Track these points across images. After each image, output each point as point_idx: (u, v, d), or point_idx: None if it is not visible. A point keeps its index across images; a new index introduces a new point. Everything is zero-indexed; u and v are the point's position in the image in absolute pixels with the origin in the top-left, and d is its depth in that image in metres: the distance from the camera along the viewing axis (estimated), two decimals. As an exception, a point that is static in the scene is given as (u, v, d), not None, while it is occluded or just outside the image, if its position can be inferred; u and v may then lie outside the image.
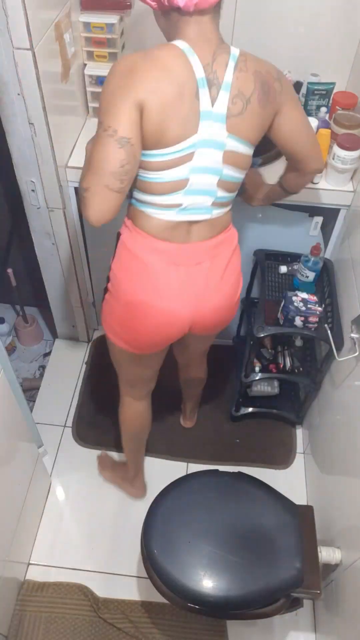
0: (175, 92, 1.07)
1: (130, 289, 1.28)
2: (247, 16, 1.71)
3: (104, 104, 1.07)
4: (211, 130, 1.12)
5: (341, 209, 1.75)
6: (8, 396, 1.42)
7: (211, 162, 1.16)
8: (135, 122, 1.06)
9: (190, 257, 1.27)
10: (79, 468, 2.02)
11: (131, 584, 1.75)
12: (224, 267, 1.31)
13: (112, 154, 1.06)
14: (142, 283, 1.26)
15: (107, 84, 1.08)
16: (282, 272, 1.88)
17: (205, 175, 1.17)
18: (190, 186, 1.17)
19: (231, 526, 1.42)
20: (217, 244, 1.29)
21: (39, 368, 2.42)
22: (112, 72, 1.08)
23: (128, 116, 1.05)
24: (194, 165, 1.15)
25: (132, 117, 1.05)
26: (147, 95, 1.05)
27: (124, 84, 1.05)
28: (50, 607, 1.68)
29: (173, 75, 1.07)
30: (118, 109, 1.05)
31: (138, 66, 1.06)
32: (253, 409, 2.13)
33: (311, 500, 1.90)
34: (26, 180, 1.70)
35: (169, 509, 1.44)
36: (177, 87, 1.07)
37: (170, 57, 1.07)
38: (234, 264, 1.35)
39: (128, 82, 1.05)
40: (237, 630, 1.66)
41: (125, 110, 1.04)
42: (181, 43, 1.08)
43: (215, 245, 1.29)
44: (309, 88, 1.75)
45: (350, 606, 1.37)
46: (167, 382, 2.28)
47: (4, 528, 1.53)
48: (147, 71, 1.06)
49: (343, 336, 1.64)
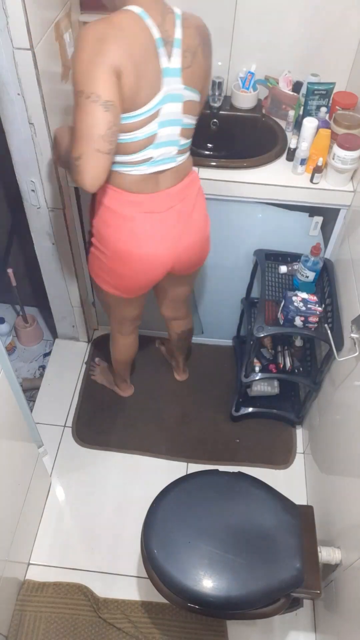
0: (143, 54, 1.16)
1: (113, 240, 1.42)
2: (247, 16, 1.71)
3: (81, 73, 1.12)
4: (171, 85, 1.24)
5: (341, 209, 1.75)
6: (8, 396, 1.42)
7: (174, 114, 1.28)
8: (115, 85, 1.13)
9: (161, 203, 1.40)
10: (79, 468, 2.02)
11: (131, 584, 1.75)
12: (192, 207, 1.47)
13: (99, 119, 1.13)
14: (123, 234, 1.40)
15: (79, 53, 1.12)
16: (282, 272, 1.88)
17: (170, 127, 1.29)
18: (159, 139, 1.28)
19: (231, 526, 1.42)
20: (183, 187, 1.43)
21: (39, 368, 2.42)
22: (82, 41, 1.12)
23: (109, 81, 1.11)
24: (161, 120, 1.26)
25: (112, 81, 1.12)
26: (122, 60, 1.12)
27: (98, 51, 1.10)
28: (50, 607, 1.68)
29: (139, 39, 1.16)
30: (97, 75, 1.10)
31: (107, 34, 1.12)
32: (253, 409, 2.13)
33: (311, 500, 1.90)
34: (26, 180, 1.70)
35: (169, 509, 1.44)
36: (143, 49, 1.16)
37: (132, 22, 1.16)
38: (200, 202, 1.50)
39: (102, 48, 1.10)
40: (237, 630, 1.66)
41: (105, 75, 1.11)
42: (135, 8, 1.17)
43: (182, 189, 1.43)
44: (309, 88, 1.75)
45: (350, 606, 1.37)
46: (166, 383, 2.29)
47: (4, 528, 1.53)
48: (117, 37, 1.12)
49: (343, 336, 1.64)
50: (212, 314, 2.26)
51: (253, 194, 1.73)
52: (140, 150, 1.28)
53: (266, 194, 1.73)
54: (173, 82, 1.24)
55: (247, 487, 1.50)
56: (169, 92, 1.24)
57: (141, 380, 2.27)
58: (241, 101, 1.85)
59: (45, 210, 1.80)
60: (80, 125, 1.15)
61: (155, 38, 1.18)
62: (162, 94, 1.23)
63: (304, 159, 1.68)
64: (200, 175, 1.68)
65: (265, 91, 1.87)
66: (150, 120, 1.24)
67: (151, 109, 1.22)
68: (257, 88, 1.84)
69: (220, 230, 1.87)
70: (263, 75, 1.83)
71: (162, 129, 1.27)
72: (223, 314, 2.26)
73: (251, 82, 1.81)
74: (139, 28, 1.16)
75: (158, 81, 1.21)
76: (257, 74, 1.80)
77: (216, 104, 1.85)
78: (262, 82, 1.84)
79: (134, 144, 1.26)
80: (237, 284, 2.09)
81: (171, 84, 1.24)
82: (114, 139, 1.18)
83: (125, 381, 2.18)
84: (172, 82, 1.24)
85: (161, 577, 1.34)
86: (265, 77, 1.83)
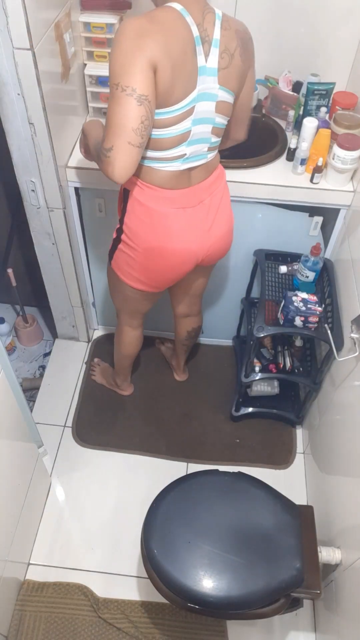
0: (181, 51, 1.17)
1: (147, 237, 1.43)
2: (247, 16, 1.70)
3: (118, 66, 1.12)
4: (206, 84, 1.25)
5: (341, 209, 1.75)
6: (8, 396, 1.42)
7: (207, 113, 1.29)
8: (151, 80, 1.13)
9: (193, 198, 1.42)
10: (79, 468, 2.02)
11: (131, 584, 1.75)
12: (219, 200, 1.50)
13: (132, 111, 1.13)
14: (157, 230, 1.42)
15: (117, 47, 1.12)
16: (282, 272, 1.88)
17: (203, 125, 1.30)
18: (193, 136, 1.30)
19: (231, 526, 1.42)
20: (211, 182, 1.46)
21: (39, 368, 2.42)
22: (121, 35, 1.12)
23: (145, 75, 1.12)
24: (195, 117, 1.27)
25: (148, 76, 1.12)
26: (160, 56, 1.12)
27: (136, 46, 1.11)
28: (50, 607, 1.68)
29: (178, 36, 1.17)
30: (134, 69, 1.11)
31: (146, 29, 1.12)
32: (253, 409, 2.13)
33: (311, 500, 1.90)
34: (26, 180, 1.70)
35: (169, 509, 1.44)
36: (182, 46, 1.17)
37: (172, 19, 1.17)
38: (226, 195, 1.54)
39: (140, 43, 1.11)
40: (237, 630, 1.66)
41: (141, 70, 1.11)
42: (176, 5, 1.18)
43: (211, 183, 1.46)
44: (309, 88, 1.75)
45: (350, 606, 1.37)
46: (166, 383, 2.29)
47: (4, 528, 1.53)
48: (156, 33, 1.13)
49: (343, 336, 1.64)
50: (212, 314, 2.26)
51: (253, 194, 1.73)
52: (174, 146, 1.29)
53: (266, 194, 1.73)
54: (209, 81, 1.25)
55: (247, 487, 1.50)
56: (204, 90, 1.25)
57: (141, 380, 2.27)
58: (241, 101, 1.85)
59: (45, 210, 1.80)
60: (113, 117, 1.15)
61: (194, 36, 1.19)
62: (197, 91, 1.24)
63: (304, 159, 1.68)
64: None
65: (265, 91, 1.87)
66: (185, 117, 1.25)
67: (185, 106, 1.23)
68: (257, 88, 1.84)
69: (220, 230, 1.87)
70: (263, 75, 1.83)
71: (195, 126, 1.28)
72: (223, 314, 2.26)
73: (251, 82, 1.81)
74: (179, 25, 1.17)
75: (194, 79, 1.22)
76: (257, 74, 1.80)
77: (216, 104, 1.84)
78: (262, 82, 1.84)
79: (168, 140, 1.27)
80: (237, 284, 2.09)
81: (207, 82, 1.25)
82: (146, 133, 1.18)
83: (126, 379, 2.18)
84: (208, 80, 1.25)
85: (161, 577, 1.34)
86: (265, 77, 1.84)
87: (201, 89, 1.24)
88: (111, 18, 1.66)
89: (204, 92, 1.25)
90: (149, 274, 1.52)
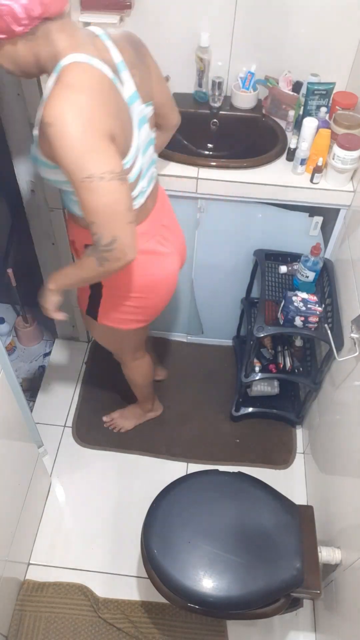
0: (114, 100, 1.08)
1: (140, 278, 1.38)
2: (247, 16, 1.70)
3: (80, 159, 1.01)
4: (137, 110, 1.18)
5: (341, 209, 1.75)
6: (8, 396, 1.42)
7: (147, 136, 1.25)
8: (115, 150, 1.06)
9: (158, 219, 1.40)
10: (79, 468, 2.02)
11: (131, 584, 1.75)
12: (168, 205, 1.49)
13: (120, 194, 1.06)
14: (147, 266, 1.38)
15: (68, 139, 0.99)
16: (282, 272, 1.88)
17: (149, 150, 1.27)
18: (143, 167, 1.25)
19: (231, 526, 1.42)
20: (159, 194, 1.43)
21: (39, 368, 2.42)
22: (64, 126, 0.99)
23: (111, 151, 1.04)
24: (141, 149, 1.22)
25: (112, 148, 1.05)
26: (109, 121, 1.05)
27: (89, 127, 1.00)
28: (50, 607, 1.68)
29: (104, 87, 1.06)
30: (100, 152, 1.02)
31: (82, 104, 1.01)
32: (253, 409, 2.13)
33: (311, 500, 1.90)
34: (26, 180, 1.70)
35: (169, 509, 1.44)
36: (112, 94, 1.08)
37: (95, 78, 1.05)
38: (166, 198, 1.51)
39: (88, 123, 1.00)
40: (237, 630, 1.66)
41: (106, 147, 1.03)
42: (78, 56, 1.03)
43: (159, 195, 1.43)
44: (309, 88, 1.75)
45: (350, 606, 1.37)
46: (166, 383, 2.29)
47: (4, 528, 1.53)
48: (92, 100, 1.02)
49: (343, 336, 1.64)
50: (212, 314, 2.26)
51: (253, 194, 1.73)
52: (135, 187, 1.24)
53: (266, 194, 1.73)
54: (137, 106, 1.17)
55: (247, 487, 1.50)
56: (139, 117, 1.19)
57: (141, 380, 2.27)
58: (241, 101, 1.85)
59: (45, 210, 1.80)
60: (102, 210, 1.05)
61: (110, 77, 1.08)
62: (136, 124, 1.17)
63: (304, 159, 1.68)
64: (200, 176, 1.69)
65: (265, 91, 1.87)
66: (137, 155, 1.19)
67: (136, 146, 1.18)
68: (257, 88, 1.84)
69: (220, 231, 1.87)
70: (263, 75, 1.83)
71: (143, 156, 1.24)
72: (223, 314, 2.26)
73: (251, 82, 1.81)
74: (96, 76, 1.05)
75: (129, 114, 1.15)
76: (257, 74, 1.80)
77: (216, 104, 1.84)
78: (262, 82, 1.83)
79: (131, 185, 1.20)
80: (237, 284, 2.09)
81: (136, 108, 1.17)
82: (132, 204, 1.13)
83: (154, 398, 2.12)
84: (136, 106, 1.17)
85: (161, 577, 1.34)
86: (265, 77, 1.83)
87: (136, 119, 1.17)
88: (111, 18, 1.66)
89: (139, 119, 1.18)
90: (146, 309, 1.48)
